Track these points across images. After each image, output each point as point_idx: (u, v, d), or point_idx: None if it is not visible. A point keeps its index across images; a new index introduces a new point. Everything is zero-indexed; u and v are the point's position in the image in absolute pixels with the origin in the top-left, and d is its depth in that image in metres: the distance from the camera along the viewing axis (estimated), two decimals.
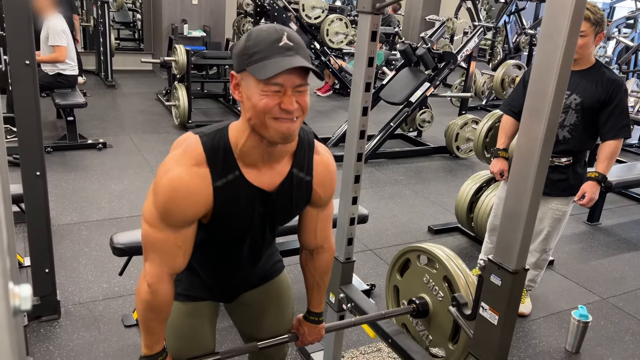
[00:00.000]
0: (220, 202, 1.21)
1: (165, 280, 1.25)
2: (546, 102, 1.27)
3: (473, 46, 5.87)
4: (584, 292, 3.30)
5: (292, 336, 1.60)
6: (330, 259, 1.53)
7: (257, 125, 1.15)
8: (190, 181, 1.16)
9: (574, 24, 1.20)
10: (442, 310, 1.86)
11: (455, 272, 1.81)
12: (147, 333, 1.31)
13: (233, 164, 1.20)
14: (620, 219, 4.55)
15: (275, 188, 1.27)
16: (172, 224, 1.19)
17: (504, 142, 2.81)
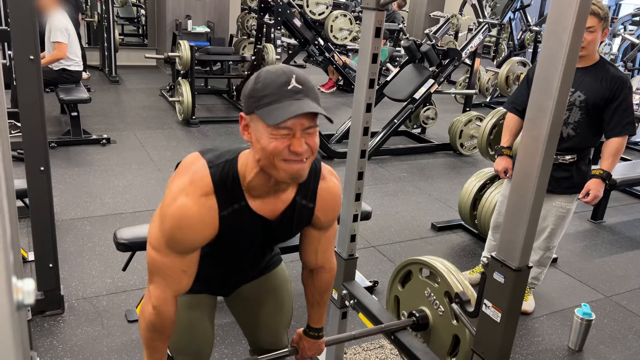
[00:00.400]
0: (225, 229, 1.25)
1: (170, 302, 1.28)
2: (551, 100, 1.26)
3: (478, 43, 5.85)
4: (587, 290, 3.29)
5: (292, 350, 1.62)
6: (330, 279, 1.55)
7: (266, 166, 1.16)
8: (198, 212, 1.18)
9: (580, 20, 1.19)
10: (442, 324, 1.87)
11: (457, 288, 1.82)
12: (151, 352, 1.34)
13: (240, 195, 1.23)
14: (624, 217, 4.53)
15: (278, 216, 1.30)
16: (177, 250, 1.22)
17: (508, 140, 2.80)
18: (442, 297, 1.87)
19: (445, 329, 1.84)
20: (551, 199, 2.67)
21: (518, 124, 2.77)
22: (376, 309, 2.04)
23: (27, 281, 0.40)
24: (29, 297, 0.40)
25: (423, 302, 1.96)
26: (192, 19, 8.33)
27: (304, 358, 1.64)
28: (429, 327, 1.92)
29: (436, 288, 1.90)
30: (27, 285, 0.40)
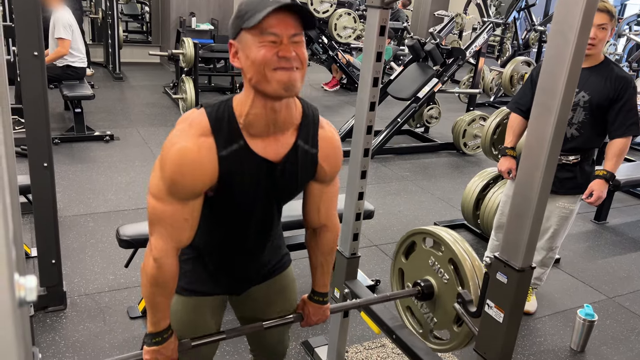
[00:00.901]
0: (226, 172, 1.20)
1: (172, 254, 1.25)
2: (556, 99, 1.25)
3: (482, 42, 5.83)
4: (590, 291, 3.28)
5: (297, 316, 1.57)
6: (334, 238, 1.52)
7: (259, 81, 1.14)
8: (197, 152, 1.17)
9: (586, 18, 1.18)
10: (447, 292, 1.84)
11: (461, 255, 1.79)
12: (153, 309, 1.30)
13: (238, 133, 1.20)
14: (627, 218, 4.52)
15: (281, 159, 1.26)
16: (179, 196, 1.19)
17: (511, 141, 2.79)
18: (446, 265, 1.85)
19: (451, 297, 1.82)
20: (554, 199, 2.66)
21: (522, 124, 2.76)
22: (378, 308, 2.04)
23: (29, 278, 0.40)
24: (31, 294, 0.40)
25: (427, 272, 1.94)
26: (196, 17, 8.33)
27: (309, 324, 1.59)
28: (434, 296, 1.89)
29: (440, 256, 1.89)
30: (29, 282, 0.40)
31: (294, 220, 2.15)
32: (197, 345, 1.42)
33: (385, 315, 2.00)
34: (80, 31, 5.26)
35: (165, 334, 1.33)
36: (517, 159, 2.79)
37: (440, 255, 1.88)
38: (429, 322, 1.93)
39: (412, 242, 2.05)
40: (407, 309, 2.06)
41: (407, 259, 2.08)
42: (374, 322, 2.04)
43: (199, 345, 1.42)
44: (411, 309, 2.05)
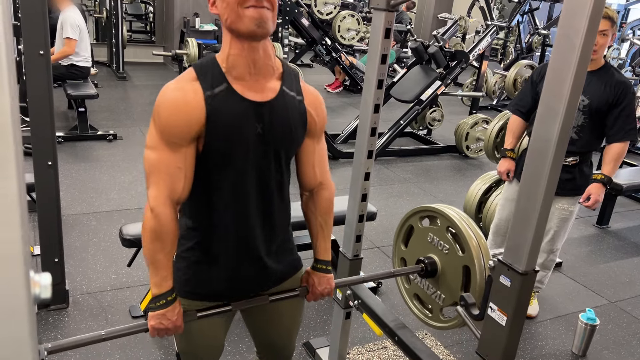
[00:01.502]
0: (212, 113, 1.24)
1: (167, 204, 1.26)
2: (561, 103, 1.26)
3: (485, 45, 5.84)
4: (591, 295, 3.28)
5: (303, 290, 1.55)
6: (331, 196, 1.53)
7: (233, 21, 1.22)
8: (185, 94, 1.24)
9: (592, 23, 1.18)
10: (450, 263, 1.82)
11: (457, 220, 1.79)
12: (155, 269, 1.30)
13: (221, 77, 1.27)
14: (630, 223, 4.51)
15: (268, 100, 1.31)
16: (171, 141, 1.24)
17: (511, 143, 2.81)
18: (444, 235, 1.84)
19: (455, 265, 1.80)
20: (554, 201, 2.66)
21: (522, 126, 2.78)
22: (380, 309, 2.04)
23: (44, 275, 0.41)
24: (46, 291, 0.40)
25: (428, 250, 1.93)
26: (200, 17, 8.35)
27: (315, 296, 1.56)
28: (438, 271, 1.87)
29: (437, 229, 1.88)
30: (45, 279, 0.40)
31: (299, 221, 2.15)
32: (203, 316, 1.40)
33: (388, 317, 2.00)
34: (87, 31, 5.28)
35: (169, 296, 1.32)
36: (517, 161, 2.80)
37: (438, 228, 1.88)
38: (438, 300, 1.90)
39: (409, 226, 2.04)
40: (414, 296, 2.04)
41: (407, 246, 2.06)
42: (375, 323, 2.05)
43: (204, 316, 1.40)
44: (418, 295, 2.03)
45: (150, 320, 1.32)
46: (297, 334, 1.71)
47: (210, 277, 1.41)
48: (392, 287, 3.10)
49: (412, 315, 2.84)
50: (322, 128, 1.46)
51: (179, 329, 1.36)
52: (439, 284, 1.89)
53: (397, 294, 3.02)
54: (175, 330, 1.35)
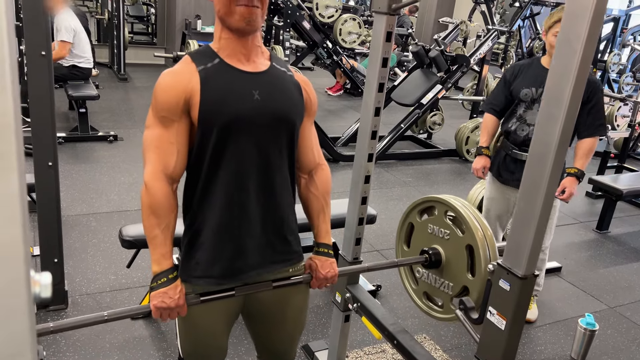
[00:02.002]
0: (206, 82, 1.30)
1: (160, 178, 1.31)
2: (562, 108, 1.26)
3: (486, 50, 5.84)
4: (591, 300, 3.28)
5: (307, 277, 1.53)
6: (329, 175, 1.57)
7: (225, 14, 1.29)
8: (176, 71, 1.32)
9: (593, 28, 1.19)
10: (453, 248, 1.81)
11: (453, 203, 1.80)
12: (153, 246, 1.32)
13: (214, 55, 1.35)
14: (630, 228, 4.51)
15: (261, 71, 1.37)
16: (163, 116, 1.30)
17: (486, 140, 2.85)
18: (443, 221, 1.84)
19: (457, 248, 1.80)
20: None
21: (496, 124, 2.84)
22: (380, 313, 2.04)
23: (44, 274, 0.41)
24: (46, 290, 0.40)
25: (430, 242, 1.93)
26: (202, 19, 8.36)
27: (319, 281, 1.53)
28: (442, 261, 1.86)
29: (435, 217, 1.89)
30: (45, 279, 0.40)
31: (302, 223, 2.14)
32: (205, 300, 1.39)
33: (387, 320, 2.00)
34: (86, 33, 5.28)
35: (169, 274, 1.32)
36: (491, 158, 2.85)
37: (436, 217, 1.89)
38: (447, 290, 1.89)
39: (409, 224, 2.04)
40: (423, 295, 2.03)
41: (409, 246, 2.05)
42: (374, 327, 2.04)
43: (207, 300, 1.39)
44: (427, 293, 2.02)
45: (153, 300, 1.32)
46: (299, 340, 1.70)
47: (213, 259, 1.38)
48: (392, 290, 3.09)
49: (411, 319, 2.85)
50: (316, 108, 1.52)
51: (182, 309, 1.35)
52: (445, 273, 1.88)
53: (396, 298, 3.02)
54: (177, 310, 1.34)
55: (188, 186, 1.40)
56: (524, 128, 2.67)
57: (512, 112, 2.73)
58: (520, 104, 2.68)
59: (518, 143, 2.70)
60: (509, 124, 2.74)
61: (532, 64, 2.71)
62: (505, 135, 2.79)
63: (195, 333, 1.48)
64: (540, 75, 2.61)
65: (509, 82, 2.73)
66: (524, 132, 2.67)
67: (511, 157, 2.74)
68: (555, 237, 4.07)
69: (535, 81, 2.62)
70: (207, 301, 1.40)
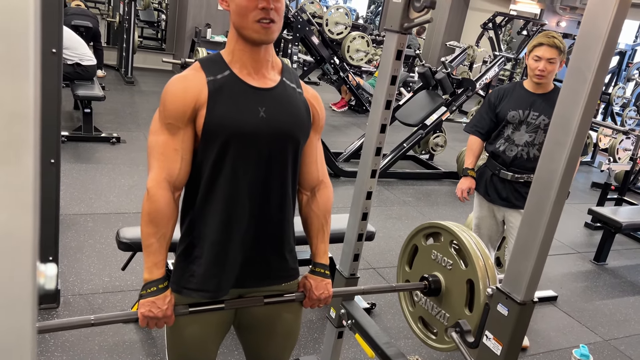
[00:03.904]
0: (213, 94, 1.29)
1: (164, 186, 1.30)
2: (569, 135, 1.26)
3: (493, 75, 5.89)
4: (585, 332, 3.25)
5: (300, 295, 1.51)
6: (331, 194, 1.55)
7: (240, 26, 1.29)
8: (185, 79, 1.31)
9: (604, 59, 1.19)
10: (453, 279, 1.80)
11: (460, 234, 1.78)
12: (147, 253, 1.30)
13: (225, 66, 1.33)
14: (627, 261, 4.50)
15: (270, 87, 1.36)
16: (169, 123, 1.29)
17: (472, 162, 2.89)
18: (447, 250, 1.83)
19: (458, 281, 1.78)
20: (521, 213, 2.72)
21: (481, 146, 2.88)
22: (374, 331, 2.02)
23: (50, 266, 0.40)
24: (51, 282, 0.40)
25: (432, 269, 1.91)
26: (212, 28, 8.42)
27: (312, 302, 1.52)
28: (442, 289, 1.85)
29: (440, 245, 1.87)
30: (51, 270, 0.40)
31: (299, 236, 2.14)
32: (194, 311, 1.38)
33: (381, 339, 1.98)
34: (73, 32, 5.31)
35: (160, 283, 1.31)
36: (476, 179, 2.89)
37: (441, 244, 1.87)
38: (442, 320, 1.87)
39: (413, 246, 2.03)
40: (419, 319, 2.02)
41: (411, 267, 2.04)
42: (368, 345, 2.02)
43: (196, 312, 1.38)
44: (422, 318, 2.01)
45: (140, 308, 1.31)
46: (290, 354, 1.68)
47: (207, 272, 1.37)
48: (386, 309, 3.07)
49: (405, 339, 2.82)
50: (323, 123, 1.51)
51: (169, 320, 1.34)
52: (443, 303, 1.87)
53: (390, 317, 3.00)
54: (165, 320, 1.33)
55: (187, 195, 1.39)
56: (513, 148, 2.71)
57: (500, 134, 2.77)
58: (507, 126, 2.72)
59: (507, 163, 2.73)
60: (496, 144, 2.77)
61: (515, 87, 2.78)
62: (492, 156, 2.82)
63: (183, 344, 1.46)
64: (525, 97, 2.68)
65: (494, 105, 2.78)
66: (513, 152, 2.70)
67: (498, 177, 2.76)
68: (552, 266, 4.06)
69: (521, 104, 2.68)
70: (196, 312, 1.39)
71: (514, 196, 2.73)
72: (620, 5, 1.19)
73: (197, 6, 8.39)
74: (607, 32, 1.18)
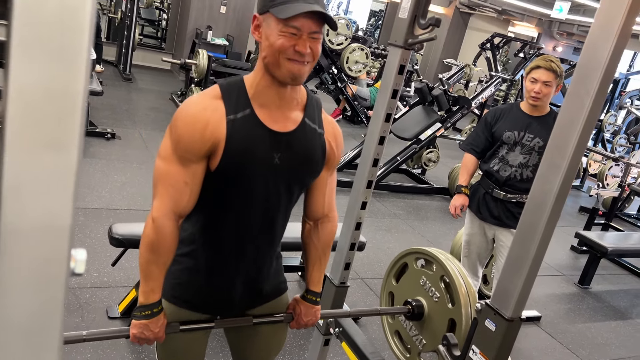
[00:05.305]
0: (231, 137, 1.24)
1: (170, 217, 1.26)
2: (565, 158, 1.30)
3: (488, 95, 5.96)
4: (567, 354, 3.29)
5: (288, 316, 1.54)
6: (334, 229, 1.53)
7: (270, 63, 1.22)
8: (204, 110, 1.23)
9: (603, 86, 1.23)
10: (437, 311, 1.83)
11: (453, 272, 1.80)
12: (146, 279, 1.29)
13: (246, 102, 1.27)
14: (610, 286, 4.55)
15: (289, 131, 1.31)
16: (182, 155, 1.23)
17: (465, 179, 2.92)
18: (437, 283, 1.85)
19: (441, 315, 1.81)
20: (510, 233, 2.78)
21: (475, 164, 2.92)
22: (360, 340, 2.04)
23: (80, 251, 0.42)
24: (81, 266, 0.42)
25: (418, 293, 1.93)
26: (213, 30, 8.45)
27: (298, 325, 1.55)
28: (424, 316, 1.87)
29: (431, 275, 1.89)
30: (80, 255, 0.42)
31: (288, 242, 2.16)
32: (185, 330, 1.39)
33: (367, 348, 2.00)
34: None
35: (154, 308, 1.31)
36: (470, 197, 2.92)
37: (432, 274, 1.89)
38: (418, 344, 1.90)
39: (404, 263, 2.06)
40: (395, 333, 2.04)
41: (398, 282, 2.07)
42: (354, 354, 2.04)
43: (186, 330, 1.40)
44: (399, 332, 2.03)
45: (133, 328, 1.31)
46: (275, 356, 1.70)
47: (200, 287, 1.41)
48: (372, 319, 3.08)
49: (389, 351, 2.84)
50: (339, 160, 1.47)
51: (160, 340, 1.36)
52: (422, 329, 1.91)
53: (376, 328, 3.01)
54: (155, 341, 1.35)
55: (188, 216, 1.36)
56: (507, 169, 2.74)
57: (494, 153, 2.80)
58: (502, 146, 2.76)
59: (500, 183, 2.76)
60: (490, 164, 2.81)
61: (512, 108, 2.82)
62: (486, 175, 2.86)
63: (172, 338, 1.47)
64: (521, 119, 2.72)
65: (490, 124, 2.82)
66: (506, 172, 2.74)
67: (491, 195, 2.80)
68: (537, 286, 4.09)
69: (516, 125, 2.72)
70: (187, 330, 1.41)
71: (505, 215, 2.77)
72: (620, 36, 1.23)
73: (200, 8, 8.42)
74: (607, 62, 1.23)
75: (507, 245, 2.70)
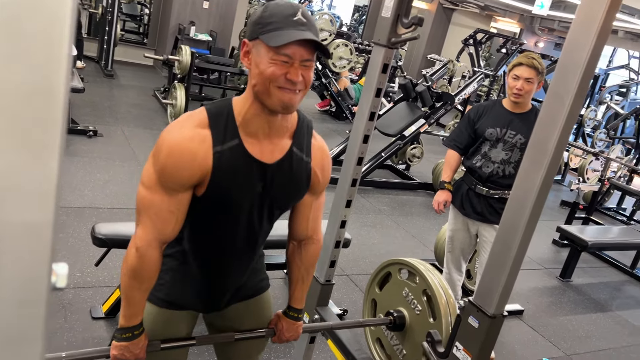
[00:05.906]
0: (218, 169, 1.21)
1: (154, 246, 1.24)
2: (546, 155, 1.31)
3: (471, 91, 6.01)
4: (548, 346, 3.34)
5: (270, 331, 1.55)
6: (317, 252, 1.53)
7: (260, 92, 1.18)
8: (191, 141, 1.19)
9: (583, 84, 1.25)
10: (418, 324, 1.86)
11: (436, 287, 1.82)
12: (128, 303, 1.29)
13: (234, 131, 1.23)
14: (591, 279, 4.63)
15: (275, 162, 1.28)
16: (167, 185, 1.20)
17: (449, 176, 2.95)
18: (419, 296, 1.87)
19: (422, 328, 1.83)
20: (492, 229, 2.82)
21: (458, 160, 2.95)
22: (346, 338, 2.05)
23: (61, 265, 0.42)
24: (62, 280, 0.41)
25: (401, 303, 1.96)
26: (196, 26, 8.37)
27: (280, 340, 1.57)
28: (405, 327, 1.90)
29: (414, 287, 1.91)
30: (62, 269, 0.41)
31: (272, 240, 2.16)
32: (166, 348, 1.40)
33: (352, 346, 2.01)
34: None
35: (136, 330, 1.31)
36: (453, 193, 2.95)
37: (415, 287, 1.91)
38: (398, 354, 1.93)
39: (387, 272, 2.08)
40: (376, 340, 2.07)
41: (381, 289, 2.10)
42: (340, 351, 2.05)
43: (168, 348, 1.40)
44: (381, 340, 2.06)
45: (113, 349, 1.31)
46: (260, 353, 1.70)
47: (182, 288, 1.42)
48: (358, 316, 3.10)
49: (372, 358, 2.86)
50: (325, 186, 1.44)
51: (141, 359, 1.36)
52: (403, 339, 1.94)
53: None
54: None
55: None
56: (489, 165, 2.77)
57: (477, 150, 2.83)
58: (485, 142, 2.78)
59: (483, 179, 2.79)
60: (473, 160, 2.83)
61: (494, 105, 2.85)
62: (469, 171, 2.88)
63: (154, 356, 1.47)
64: (503, 116, 2.75)
65: (473, 121, 2.85)
66: (489, 168, 2.77)
67: (474, 191, 2.83)
68: (520, 280, 4.14)
69: (499, 122, 2.74)
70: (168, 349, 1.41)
71: (488, 211, 2.80)
72: (600, 36, 1.25)
73: (182, 3, 8.33)
74: (586, 60, 1.24)
75: (490, 240, 2.73)
